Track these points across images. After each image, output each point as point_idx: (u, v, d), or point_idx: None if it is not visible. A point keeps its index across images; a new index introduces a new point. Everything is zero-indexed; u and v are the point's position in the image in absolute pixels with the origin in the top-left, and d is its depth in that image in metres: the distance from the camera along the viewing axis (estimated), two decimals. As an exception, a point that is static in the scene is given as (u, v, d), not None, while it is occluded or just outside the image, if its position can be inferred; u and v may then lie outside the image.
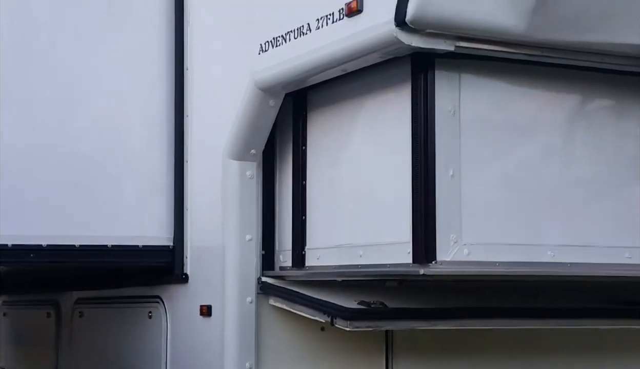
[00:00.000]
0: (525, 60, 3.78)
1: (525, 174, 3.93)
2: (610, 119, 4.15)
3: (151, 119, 4.91)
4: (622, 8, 3.65)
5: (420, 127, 3.65)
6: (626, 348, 4.98)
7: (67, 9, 4.82)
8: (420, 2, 3.34)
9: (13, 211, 4.58)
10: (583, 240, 3.95)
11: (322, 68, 3.93)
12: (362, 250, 3.95)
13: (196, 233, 4.80)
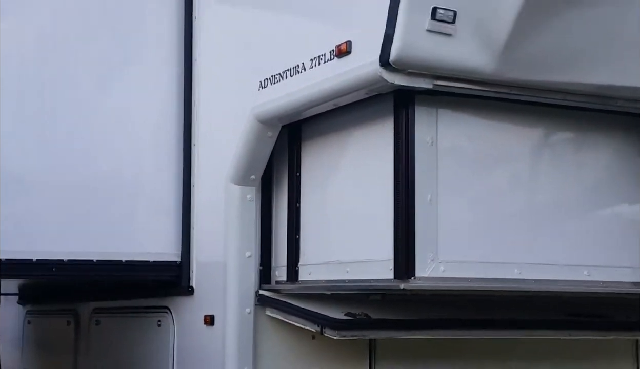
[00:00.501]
0: (496, 97, 3.77)
1: (495, 199, 3.91)
2: (571, 150, 4.15)
3: (162, 148, 4.90)
4: (581, 53, 3.66)
5: (401, 157, 3.64)
6: (583, 356, 4.96)
7: (89, 48, 4.81)
8: (402, 45, 3.35)
9: (37, 230, 4.57)
10: (546, 259, 3.93)
11: (314, 103, 3.93)
12: (348, 266, 3.93)
13: (201, 250, 4.78)
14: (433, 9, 3.36)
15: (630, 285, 4.12)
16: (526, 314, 4.45)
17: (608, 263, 4.08)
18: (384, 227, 3.69)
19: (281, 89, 4.07)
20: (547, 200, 4.02)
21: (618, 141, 4.21)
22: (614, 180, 4.21)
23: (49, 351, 6.69)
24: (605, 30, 3.63)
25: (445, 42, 3.43)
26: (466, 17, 3.43)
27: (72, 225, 4.67)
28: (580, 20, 3.54)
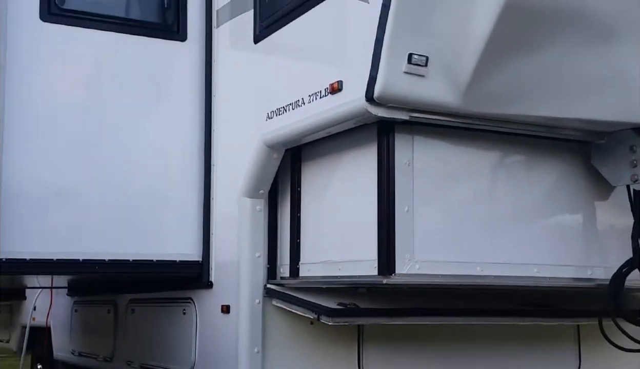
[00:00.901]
0: (461, 127, 3.79)
1: (461, 210, 3.93)
2: (523, 170, 4.14)
3: (187, 167, 4.90)
4: (530, 91, 3.67)
5: (383, 175, 3.68)
6: (534, 338, 4.95)
7: (127, 85, 4.83)
8: (383, 84, 3.39)
9: (83, 234, 4.60)
10: (503, 259, 3.95)
11: (312, 131, 3.97)
12: (340, 265, 3.96)
13: (219, 251, 4.78)
14: (409, 54, 3.39)
15: (571, 280, 4.14)
16: (487, 304, 4.49)
17: (553, 262, 4.09)
18: (370, 232, 3.72)
19: (285, 120, 4.10)
20: (503, 211, 4.03)
21: (561, 162, 4.21)
22: (559, 194, 4.21)
23: (92, 334, 6.65)
24: (550, 72, 3.63)
25: (419, 82, 3.45)
26: (436, 62, 3.45)
27: (112, 230, 4.68)
28: (529, 65, 3.55)
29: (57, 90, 4.66)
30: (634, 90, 3.78)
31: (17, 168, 4.44)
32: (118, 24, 4.85)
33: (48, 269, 5.01)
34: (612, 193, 4.28)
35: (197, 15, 5.00)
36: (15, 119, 4.47)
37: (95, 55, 4.79)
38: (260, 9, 4.46)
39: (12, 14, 4.51)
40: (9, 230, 4.36)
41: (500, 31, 3.33)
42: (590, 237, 4.26)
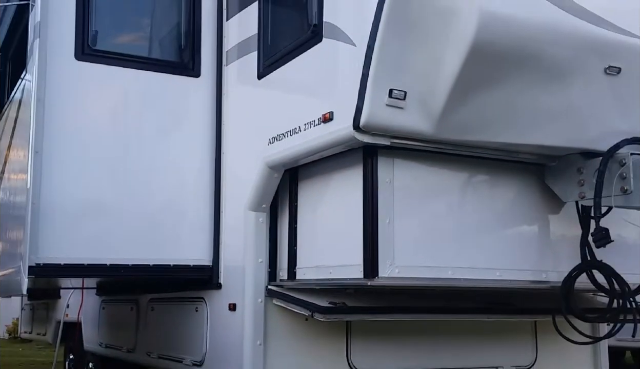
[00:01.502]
0: (434, 151, 3.77)
1: (434, 222, 3.89)
2: (487, 187, 4.11)
3: (200, 184, 4.86)
4: (492, 121, 3.66)
5: (368, 192, 3.67)
6: (498, 332, 4.94)
7: (149, 115, 4.83)
8: (368, 115, 3.40)
9: (110, 242, 4.57)
10: (470, 264, 3.92)
11: (307, 155, 3.97)
12: (331, 269, 3.95)
13: (227, 257, 4.73)
14: (390, 89, 3.41)
15: (528, 283, 4.12)
16: (457, 303, 4.47)
17: (513, 266, 4.06)
18: (356, 241, 3.70)
19: (284, 145, 4.10)
20: (470, 222, 4.00)
21: (520, 181, 4.18)
22: (517, 209, 4.17)
23: (117, 329, 6.60)
24: (510, 105, 3.61)
25: (398, 113, 3.46)
26: (413, 96, 3.46)
27: (135, 239, 4.65)
28: (491, 99, 3.55)
29: (88, 119, 4.65)
30: (580, 121, 3.81)
31: (54, 186, 4.43)
32: (141, 62, 4.85)
33: (79, 272, 5.01)
34: (563, 208, 4.24)
35: (210, 55, 5.00)
36: (53, 144, 4.46)
37: (121, 89, 4.79)
38: (263, 51, 4.46)
39: (51, 53, 4.52)
40: (47, 239, 4.35)
41: (467, 71, 3.34)
42: (545, 245, 4.23)
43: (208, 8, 5.02)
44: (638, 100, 3.87)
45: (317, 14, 3.84)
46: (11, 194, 5.23)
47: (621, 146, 3.79)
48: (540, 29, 3.43)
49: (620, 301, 3.91)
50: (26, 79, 4.83)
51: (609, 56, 3.65)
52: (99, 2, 4.70)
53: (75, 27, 4.59)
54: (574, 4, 3.53)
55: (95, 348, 7.14)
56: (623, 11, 3.76)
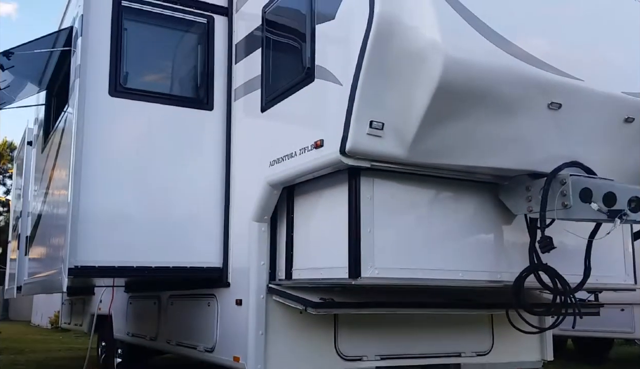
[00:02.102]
0: (408, 172, 3.77)
1: (408, 231, 3.87)
2: (452, 201, 4.07)
3: (212, 199, 4.83)
4: (455, 147, 3.65)
5: (352, 206, 3.67)
6: (461, 323, 4.92)
7: (170, 142, 4.82)
8: (352, 142, 3.42)
9: (137, 247, 4.55)
10: (437, 266, 3.92)
11: (302, 175, 3.97)
12: (322, 270, 3.93)
13: (235, 260, 4.71)
14: (370, 121, 3.42)
15: (486, 282, 4.11)
16: (427, 299, 4.43)
17: (473, 268, 4.05)
18: (342, 247, 3.69)
19: (283, 167, 4.10)
20: (438, 232, 3.98)
21: (479, 197, 4.16)
22: (477, 220, 4.15)
23: (142, 320, 6.53)
24: (469, 134, 3.61)
25: (377, 140, 3.47)
26: (389, 126, 3.47)
27: (157, 245, 4.62)
28: (454, 129, 3.55)
29: (119, 145, 4.64)
30: (527, 148, 3.82)
31: (90, 200, 4.42)
32: (164, 98, 4.85)
33: (111, 273, 4.99)
34: (514, 220, 4.22)
35: (221, 92, 4.99)
36: (89, 166, 4.45)
37: (147, 120, 4.78)
38: (265, 88, 4.46)
39: (89, 90, 4.53)
40: (84, 245, 4.34)
41: (434, 106, 3.36)
42: (500, 251, 4.22)
43: (220, 53, 5.04)
44: (575, 130, 3.90)
45: (310, 59, 3.86)
46: (55, 207, 5.21)
47: (562, 168, 3.81)
48: (494, 72, 3.45)
49: (562, 297, 3.93)
50: (68, 112, 4.83)
51: (551, 94, 3.67)
52: (129, 48, 4.73)
53: (109, 69, 4.62)
54: (522, 50, 3.56)
55: (123, 336, 7.07)
56: (563, 56, 3.79)
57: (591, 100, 3.81)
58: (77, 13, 4.77)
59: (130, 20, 4.75)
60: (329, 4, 3.73)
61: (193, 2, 4.99)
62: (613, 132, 3.99)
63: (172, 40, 5.06)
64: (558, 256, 3.93)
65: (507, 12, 3.70)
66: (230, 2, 5.09)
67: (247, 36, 4.84)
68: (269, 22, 4.50)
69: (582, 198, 3.66)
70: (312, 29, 3.86)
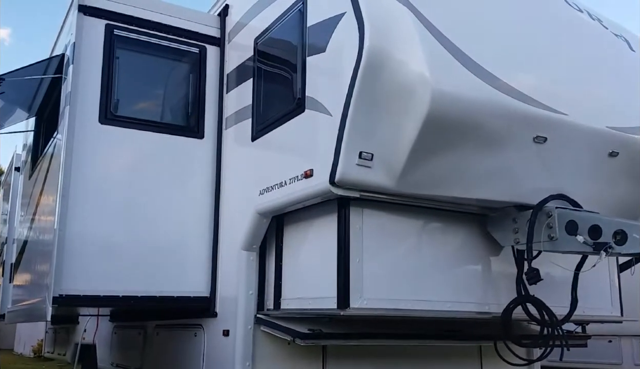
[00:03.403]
0: (396, 202, 3.78)
1: (396, 262, 3.86)
2: (440, 232, 4.10)
3: (201, 227, 4.82)
4: (443, 180, 3.66)
5: (341, 236, 3.67)
6: (449, 355, 4.90)
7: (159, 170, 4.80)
8: (342, 173, 3.44)
9: (123, 276, 4.50)
10: (426, 297, 3.91)
11: (291, 204, 3.97)
12: (310, 300, 3.91)
13: (222, 289, 4.68)
14: (360, 152, 3.45)
15: (474, 313, 4.11)
16: (415, 330, 4.41)
17: (461, 300, 4.05)
18: (331, 277, 3.68)
19: (272, 196, 4.10)
20: (426, 263, 3.98)
21: (466, 228, 4.19)
22: (464, 251, 4.16)
23: (127, 350, 6.41)
24: (457, 166, 3.64)
25: (366, 171, 3.49)
26: (378, 157, 3.50)
27: (144, 273, 4.56)
28: (442, 161, 3.57)
29: (108, 172, 4.63)
30: (514, 180, 3.86)
31: (77, 227, 4.39)
32: (155, 126, 4.86)
33: (96, 303, 4.92)
34: (502, 251, 4.24)
35: (212, 120, 5.02)
36: (77, 193, 4.43)
37: (137, 147, 4.78)
38: (256, 118, 4.50)
39: (79, 118, 4.53)
40: (69, 273, 4.29)
41: (422, 138, 3.39)
42: (487, 282, 4.22)
43: (211, 83, 5.09)
44: (561, 164, 3.96)
45: (300, 90, 3.90)
46: (41, 233, 5.17)
47: (548, 201, 3.86)
48: (480, 106, 3.50)
49: (550, 329, 3.94)
50: (57, 138, 4.83)
51: (537, 128, 3.73)
52: (120, 76, 4.75)
53: (100, 96, 4.64)
54: (507, 85, 3.63)
55: (108, 366, 6.92)
56: (548, 91, 3.86)
57: (576, 134, 3.88)
58: (69, 41, 4.81)
59: (122, 49, 4.79)
60: (320, 37, 3.79)
61: (186, 32, 5.06)
62: (598, 166, 4.06)
63: (164, 69, 5.10)
64: (545, 288, 3.95)
65: (493, 48, 3.79)
66: (222, 32, 5.17)
67: (238, 66, 4.90)
68: (260, 53, 4.56)
69: (568, 231, 3.70)
70: (303, 60, 3.91)
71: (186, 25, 5.06)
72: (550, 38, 4.29)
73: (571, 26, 4.62)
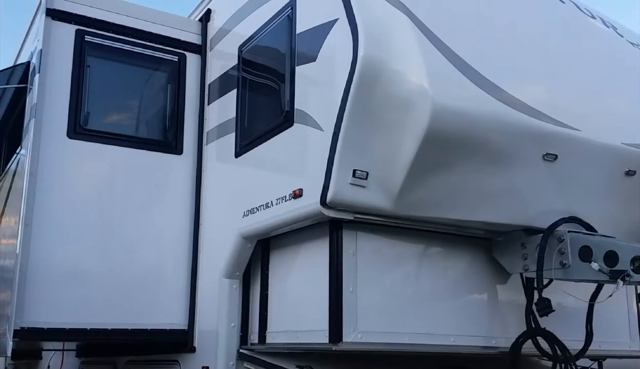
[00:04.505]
0: (393, 225, 3.78)
1: (394, 291, 3.85)
2: (441, 258, 4.10)
3: (178, 253, 4.80)
4: (444, 200, 3.67)
5: (334, 263, 3.65)
6: None
7: (132, 189, 4.80)
8: (334, 192, 3.43)
9: (91, 307, 4.46)
10: (426, 330, 3.90)
11: (278, 227, 3.96)
12: (299, 333, 3.89)
13: (202, 321, 4.65)
14: (353, 170, 3.45)
15: (480, 348, 4.10)
16: (415, 367, 4.33)
17: (466, 333, 4.04)
18: (322, 308, 3.65)
19: (257, 218, 4.09)
20: (426, 291, 3.96)
21: (470, 254, 4.19)
22: (468, 279, 4.15)
23: (95, 390, 6.41)
24: (459, 186, 3.62)
25: (361, 191, 3.49)
26: (374, 176, 3.50)
27: (115, 304, 4.53)
28: (443, 180, 3.58)
29: (77, 192, 4.61)
30: (522, 201, 3.87)
31: (41, 253, 4.36)
32: (128, 140, 4.87)
33: (61, 337, 4.88)
34: (510, 279, 4.23)
35: (192, 135, 5.04)
36: (42, 214, 4.41)
37: (109, 164, 4.77)
38: (240, 132, 4.51)
39: (45, 132, 4.53)
40: (32, 303, 4.25)
41: (421, 155, 3.40)
42: (494, 313, 4.21)
43: (191, 93, 5.11)
44: (573, 183, 3.98)
45: (289, 102, 3.91)
46: (2, 258, 5.13)
47: (559, 224, 3.88)
48: (485, 121, 3.52)
49: (563, 365, 3.91)
50: (21, 154, 4.82)
51: (546, 144, 3.75)
52: (91, 87, 4.76)
53: (68, 109, 4.64)
54: (514, 98, 3.65)
55: (73, 407, 6.85)
56: (559, 105, 3.89)
57: (589, 152, 3.91)
58: (35, 48, 4.82)
59: (94, 57, 4.81)
60: (310, 45, 3.81)
61: (163, 39, 5.09)
62: (613, 186, 4.09)
63: (140, 79, 5.12)
64: (557, 320, 3.94)
65: (498, 58, 3.82)
66: (204, 39, 5.21)
67: (221, 76, 4.92)
68: (245, 61, 4.59)
69: (581, 257, 3.71)
70: (292, 70, 3.93)
71: (164, 31, 5.10)
72: (561, 47, 4.34)
73: (583, 34, 4.69)
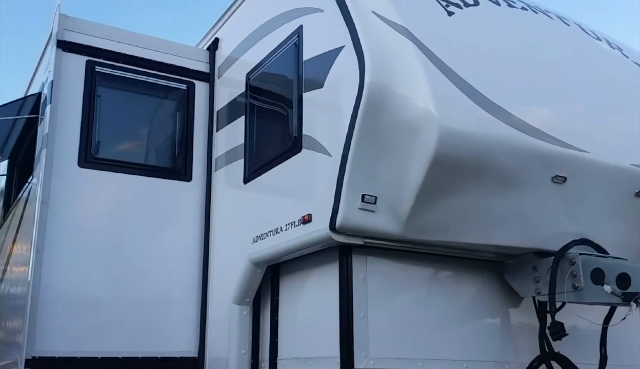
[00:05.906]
0: (403, 249, 3.77)
1: (405, 315, 3.82)
2: (452, 282, 4.08)
3: (188, 279, 4.82)
4: (454, 224, 3.67)
5: (344, 288, 3.64)
6: None
7: (142, 216, 4.85)
8: (343, 217, 3.44)
9: (102, 336, 4.50)
10: (439, 356, 3.85)
11: (288, 253, 3.97)
12: (310, 360, 3.86)
13: (212, 348, 4.66)
14: (362, 195, 3.46)
15: (493, 374, 4.05)
16: None
17: (478, 358, 3.98)
18: (333, 334, 3.64)
19: (267, 243, 4.10)
20: (438, 316, 3.94)
21: (481, 277, 4.17)
22: (480, 303, 4.10)
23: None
24: (469, 210, 3.61)
25: (370, 216, 3.49)
26: (383, 200, 3.51)
27: (125, 332, 4.56)
28: (452, 204, 3.57)
29: (88, 220, 4.67)
30: (532, 224, 3.87)
31: (52, 281, 4.40)
32: (139, 168, 4.93)
33: (72, 366, 4.77)
34: (522, 303, 4.21)
35: (201, 162, 5.10)
36: (53, 242, 4.47)
37: (120, 192, 4.82)
38: (249, 158, 4.55)
39: (57, 161, 4.61)
40: (43, 332, 4.29)
41: (430, 179, 3.40)
42: (506, 337, 4.17)
43: (200, 121, 5.18)
44: (583, 205, 3.98)
45: (297, 128, 3.94)
46: (13, 285, 5.17)
47: (571, 246, 3.86)
48: (493, 144, 3.53)
49: (578, 390, 3.90)
50: (32, 183, 4.89)
51: (555, 167, 3.76)
52: (102, 116, 4.84)
53: (79, 138, 4.72)
54: (521, 121, 3.67)
55: None
56: (567, 127, 3.91)
57: (598, 173, 3.92)
58: (46, 78, 4.91)
59: (104, 87, 4.90)
60: (317, 71, 3.86)
61: (172, 68, 5.18)
62: (624, 207, 4.08)
63: (149, 107, 5.21)
64: (571, 344, 3.90)
65: (504, 81, 3.85)
66: (212, 67, 5.30)
67: (229, 103, 4.98)
68: (253, 88, 4.65)
69: (593, 280, 3.70)
70: (299, 96, 3.97)
71: (173, 61, 5.20)
72: (567, 69, 4.37)
73: (590, 55, 4.72)
